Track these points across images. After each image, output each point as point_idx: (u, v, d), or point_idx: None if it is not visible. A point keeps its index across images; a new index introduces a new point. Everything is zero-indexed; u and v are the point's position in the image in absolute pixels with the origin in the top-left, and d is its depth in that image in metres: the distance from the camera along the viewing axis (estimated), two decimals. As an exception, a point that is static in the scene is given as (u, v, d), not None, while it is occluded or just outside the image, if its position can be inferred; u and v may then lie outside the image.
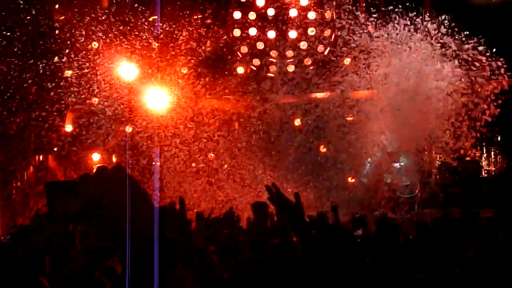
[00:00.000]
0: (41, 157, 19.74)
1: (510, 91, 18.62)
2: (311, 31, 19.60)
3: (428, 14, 18.18)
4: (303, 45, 19.65)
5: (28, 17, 19.12)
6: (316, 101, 19.61)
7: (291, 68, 19.70)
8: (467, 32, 17.80)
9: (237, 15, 19.94)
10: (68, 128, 19.21)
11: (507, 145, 19.87)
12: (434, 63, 17.87)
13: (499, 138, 19.82)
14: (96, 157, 19.08)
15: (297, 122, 19.90)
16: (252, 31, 19.88)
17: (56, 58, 18.93)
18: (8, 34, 18.79)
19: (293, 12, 19.69)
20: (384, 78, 18.00)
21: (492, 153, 18.70)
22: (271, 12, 19.77)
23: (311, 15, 19.63)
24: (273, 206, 3.68)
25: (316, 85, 19.46)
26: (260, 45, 19.91)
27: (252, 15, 19.85)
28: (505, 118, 20.10)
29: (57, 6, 19.45)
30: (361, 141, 18.63)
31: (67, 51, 18.73)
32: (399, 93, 17.92)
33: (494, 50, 17.80)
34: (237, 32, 19.93)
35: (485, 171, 18.51)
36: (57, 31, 19.20)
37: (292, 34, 19.55)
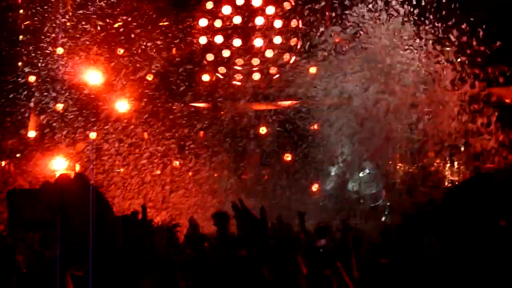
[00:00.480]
0: (3, 163, 19.48)
1: (475, 101, 18.82)
2: (277, 39, 19.63)
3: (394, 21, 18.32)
4: (269, 53, 19.66)
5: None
6: (281, 109, 19.64)
7: (256, 76, 19.67)
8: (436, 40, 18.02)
9: (203, 22, 19.87)
10: (31, 133, 19.00)
11: (470, 156, 20.03)
12: (399, 72, 18.01)
13: (462, 149, 19.95)
14: (59, 163, 18.88)
15: (263, 130, 19.87)
16: (218, 39, 19.83)
17: (20, 63, 18.75)
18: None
19: (259, 20, 19.66)
20: (349, 87, 18.07)
21: (455, 162, 18.80)
22: (237, 20, 19.75)
23: (277, 23, 19.65)
24: (238, 222, 3.62)
25: (281, 93, 19.48)
26: (226, 53, 19.87)
27: (218, 23, 19.81)
28: (468, 128, 20.29)
29: (21, 11, 19.26)
30: (326, 150, 18.66)
31: (31, 56, 18.55)
32: (364, 102, 17.99)
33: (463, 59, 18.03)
34: (203, 40, 19.87)
35: (449, 181, 18.59)
36: (20, 36, 19.02)
37: (258, 42, 19.54)
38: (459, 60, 20.45)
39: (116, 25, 18.94)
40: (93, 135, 18.49)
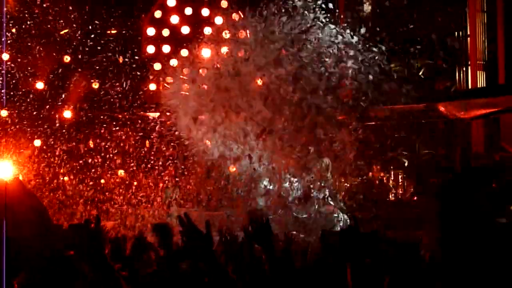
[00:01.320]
0: None
1: (421, 115, 19.08)
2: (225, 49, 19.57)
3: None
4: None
5: None
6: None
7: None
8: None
9: (150, 31, 19.78)
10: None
11: (413, 169, 20.26)
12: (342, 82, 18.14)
13: (406, 164, 20.18)
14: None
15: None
16: (166, 48, 19.74)
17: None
18: None
19: (207, 30, 19.58)
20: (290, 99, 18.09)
21: (400, 176, 18.97)
22: (185, 30, 19.68)
23: (225, 33, 19.59)
24: (183, 237, 3.61)
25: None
26: (173, 62, 19.75)
27: (165, 32, 19.72)
28: (411, 141, 20.52)
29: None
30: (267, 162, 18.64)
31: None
32: (301, 114, 18.02)
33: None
34: (150, 49, 19.77)
35: (392, 194, 18.76)
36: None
37: (206, 52, 19.41)
38: (405, 74, 20.74)
39: (62, 33, 18.76)
40: (37, 142, 18.26)
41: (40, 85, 18.62)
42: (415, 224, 15.56)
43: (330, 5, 18.33)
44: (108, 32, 19.41)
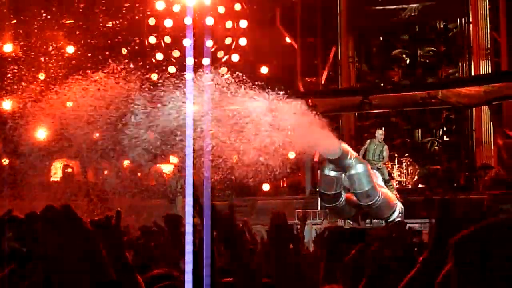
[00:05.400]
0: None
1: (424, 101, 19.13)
2: (228, 40, 19.56)
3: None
4: (220, 54, 19.56)
5: None
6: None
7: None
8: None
9: (152, 21, 19.65)
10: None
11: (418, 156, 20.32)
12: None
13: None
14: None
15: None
16: (168, 39, 19.63)
17: None
18: None
19: (209, 21, 19.46)
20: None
21: (404, 163, 18.97)
22: (188, 20, 19.53)
23: (228, 24, 19.56)
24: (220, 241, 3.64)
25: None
26: (176, 53, 19.68)
27: (168, 23, 19.59)
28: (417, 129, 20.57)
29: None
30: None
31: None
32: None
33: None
34: (152, 39, 19.65)
35: (397, 182, 18.69)
36: None
37: (208, 43, 19.28)
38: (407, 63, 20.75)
39: (67, 22, 18.69)
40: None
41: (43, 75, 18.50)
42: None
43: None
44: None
